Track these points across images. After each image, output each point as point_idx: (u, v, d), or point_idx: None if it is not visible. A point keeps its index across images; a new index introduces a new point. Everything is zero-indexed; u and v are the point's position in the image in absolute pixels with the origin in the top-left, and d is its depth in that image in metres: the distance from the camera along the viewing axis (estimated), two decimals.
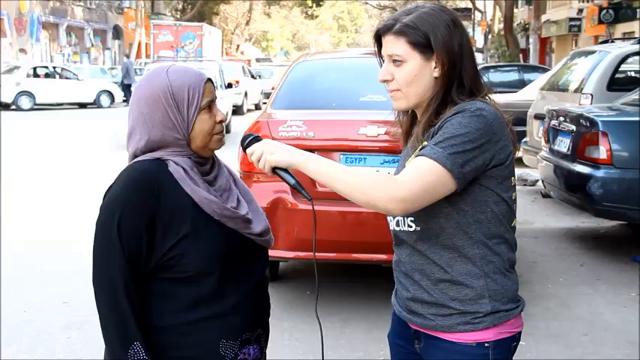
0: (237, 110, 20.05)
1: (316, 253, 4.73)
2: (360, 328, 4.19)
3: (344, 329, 4.21)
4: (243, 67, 24.51)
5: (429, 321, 1.73)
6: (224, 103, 14.75)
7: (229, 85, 16.61)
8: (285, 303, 4.62)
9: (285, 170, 1.68)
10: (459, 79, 1.70)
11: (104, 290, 1.64)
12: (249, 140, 1.73)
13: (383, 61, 1.77)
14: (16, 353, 3.91)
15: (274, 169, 1.68)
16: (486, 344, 1.68)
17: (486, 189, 1.67)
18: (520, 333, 1.78)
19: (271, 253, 1.89)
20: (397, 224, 1.77)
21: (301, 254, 4.33)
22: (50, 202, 8.20)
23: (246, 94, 22.32)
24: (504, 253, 1.72)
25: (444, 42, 1.68)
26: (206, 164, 1.76)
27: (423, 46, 1.68)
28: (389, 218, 1.80)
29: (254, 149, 1.69)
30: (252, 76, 24.98)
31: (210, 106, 1.74)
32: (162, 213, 1.65)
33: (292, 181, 1.68)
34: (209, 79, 1.75)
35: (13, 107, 22.30)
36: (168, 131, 1.69)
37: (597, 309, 4.62)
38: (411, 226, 1.73)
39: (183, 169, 1.69)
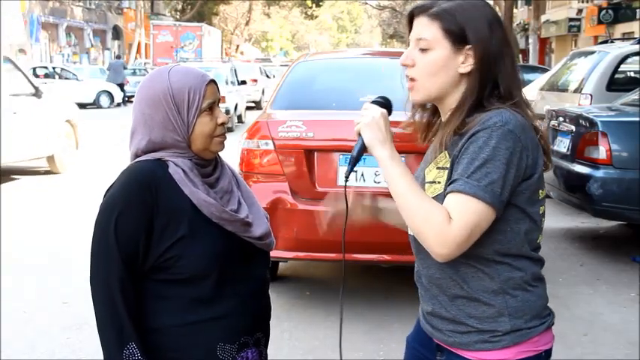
0: (256, 105, 23.55)
1: (316, 254, 4.68)
2: (360, 328, 4.19)
3: (344, 329, 4.20)
4: (260, 67, 27.93)
5: (447, 337, 1.66)
6: (234, 96, 17.48)
7: (243, 82, 19.34)
8: (285, 303, 4.62)
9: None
10: (494, 81, 1.59)
11: (100, 290, 1.64)
12: (379, 101, 1.68)
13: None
14: (16, 353, 3.91)
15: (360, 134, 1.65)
16: None
17: (510, 206, 1.55)
18: (549, 351, 1.66)
19: (271, 253, 1.88)
20: None
21: (301, 254, 4.34)
22: (50, 202, 8.20)
23: (263, 91, 24.94)
24: (527, 268, 1.61)
25: (481, 37, 1.58)
26: (208, 166, 1.75)
27: (456, 36, 1.58)
28: None
29: (367, 112, 1.64)
30: (267, 76, 27.64)
31: (212, 108, 1.72)
32: (161, 214, 1.64)
33: (353, 154, 1.65)
34: (212, 81, 1.73)
35: None
36: (168, 133, 1.69)
37: (597, 309, 4.62)
38: None
39: (183, 170, 1.67)
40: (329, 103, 4.71)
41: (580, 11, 28.36)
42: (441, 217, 1.49)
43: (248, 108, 21.64)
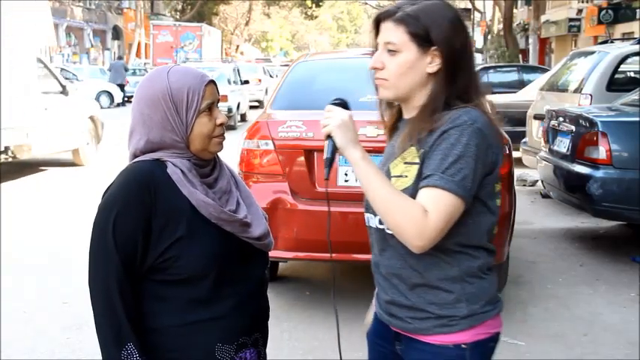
0: (260, 104, 24.26)
1: (316, 254, 4.69)
2: (360, 328, 4.19)
3: (344, 329, 4.19)
4: (263, 67, 29.32)
5: (407, 324, 1.73)
6: (236, 95, 18.33)
7: (246, 82, 20.29)
8: (285, 303, 4.62)
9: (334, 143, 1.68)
10: (454, 79, 1.67)
11: (99, 290, 1.64)
12: (338, 102, 1.74)
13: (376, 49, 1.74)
14: (16, 353, 3.91)
15: (328, 136, 1.70)
16: (463, 345, 1.68)
17: (474, 200, 1.65)
18: (499, 334, 1.77)
19: (270, 253, 1.88)
20: (380, 222, 1.74)
21: (301, 254, 4.34)
22: (50, 201, 8.20)
23: (266, 90, 25.73)
24: (482, 257, 1.72)
25: (445, 37, 1.65)
26: (206, 166, 1.75)
27: (422, 38, 1.66)
28: (369, 215, 1.79)
29: (334, 113, 1.70)
30: (270, 75, 28.70)
31: (211, 108, 1.71)
32: (159, 214, 1.64)
33: (327, 155, 1.72)
34: (211, 81, 1.73)
35: None
36: (167, 133, 1.68)
37: (597, 309, 4.62)
38: None
39: (182, 170, 1.67)
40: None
41: (580, 11, 28.33)
42: (418, 211, 1.57)
43: (252, 107, 22.43)
